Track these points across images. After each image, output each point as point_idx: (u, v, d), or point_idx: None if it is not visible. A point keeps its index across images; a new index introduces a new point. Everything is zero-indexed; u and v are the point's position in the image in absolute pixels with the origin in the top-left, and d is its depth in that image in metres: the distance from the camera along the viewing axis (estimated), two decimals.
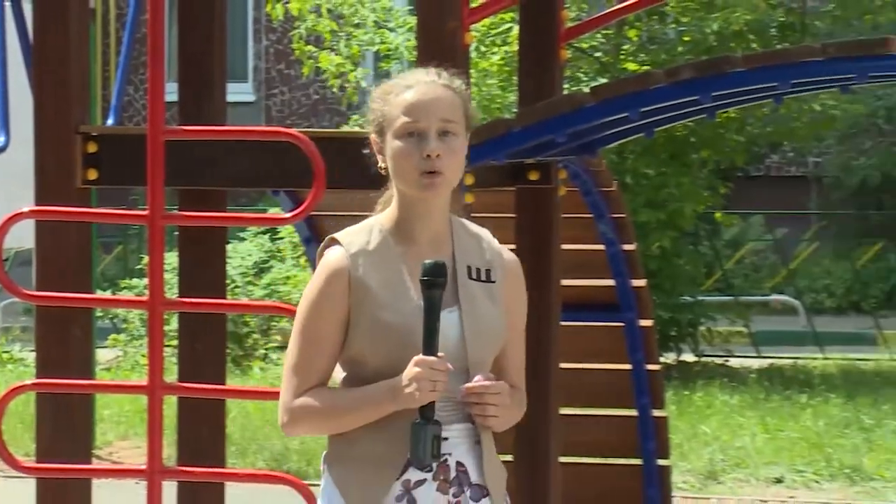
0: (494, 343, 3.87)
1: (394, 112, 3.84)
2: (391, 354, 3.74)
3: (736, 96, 6.82)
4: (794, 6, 17.01)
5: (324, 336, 3.83)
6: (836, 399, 14.98)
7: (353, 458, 3.82)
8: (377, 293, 3.79)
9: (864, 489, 11.56)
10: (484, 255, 3.95)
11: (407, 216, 3.87)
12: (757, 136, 17.57)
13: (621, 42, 16.55)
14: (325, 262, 3.86)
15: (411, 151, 3.77)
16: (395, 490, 3.78)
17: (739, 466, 12.17)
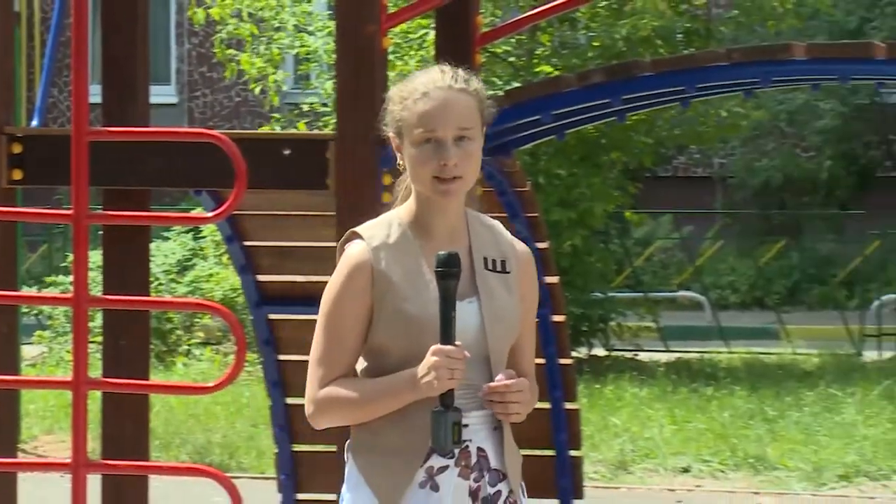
0: (512, 332, 3.86)
1: (411, 119, 3.82)
2: (413, 344, 3.73)
3: (644, 99, 6.85)
4: (699, 13, 17.09)
5: (348, 328, 3.83)
6: (740, 391, 15.08)
7: (378, 447, 3.81)
8: (399, 286, 3.79)
9: (767, 478, 11.63)
10: (499, 247, 3.94)
11: (424, 212, 3.86)
12: (665, 139, 17.66)
13: (534, 47, 16.59)
14: (348, 256, 3.85)
15: (428, 159, 3.76)
16: (419, 477, 3.78)
17: (648, 457, 12.22)
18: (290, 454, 7.59)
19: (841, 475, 11.54)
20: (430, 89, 3.82)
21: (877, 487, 11.31)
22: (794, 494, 11.19)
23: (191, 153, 5.56)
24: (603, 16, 16.18)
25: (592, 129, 14.93)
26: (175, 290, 17.16)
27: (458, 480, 3.80)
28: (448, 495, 3.80)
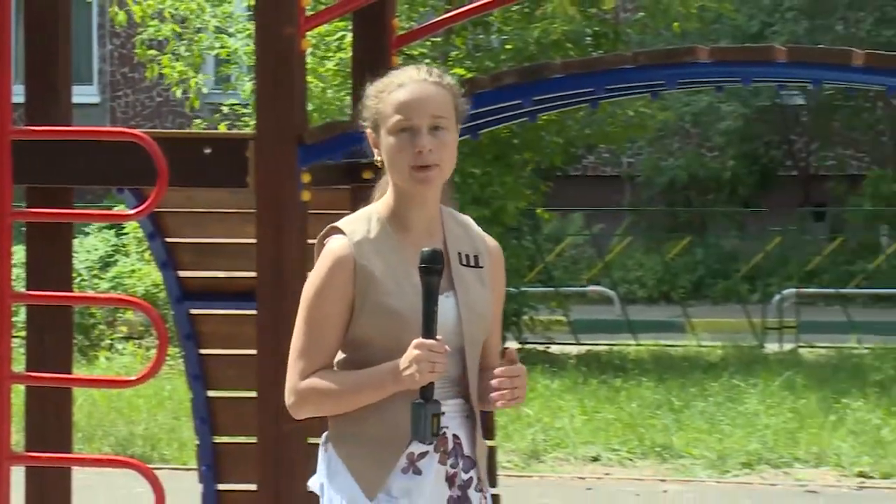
0: (486, 324, 3.90)
1: (387, 110, 3.84)
2: (394, 337, 3.74)
3: (555, 101, 6.84)
4: (607, 17, 17.14)
5: (330, 320, 3.81)
6: (647, 383, 15.15)
7: (360, 436, 3.82)
8: (381, 280, 3.79)
9: (673, 466, 11.69)
10: (472, 242, 3.96)
11: (403, 206, 3.86)
12: (575, 138, 17.72)
13: (449, 49, 16.61)
14: (330, 251, 3.84)
15: (404, 147, 3.78)
16: (401, 463, 3.80)
17: (559, 446, 12.25)
18: (211, 445, 7.53)
19: (744, 463, 11.61)
20: (406, 81, 3.86)
21: (778, 475, 11.38)
22: (699, 482, 11.24)
23: (113, 152, 5.50)
24: (515, 20, 16.22)
25: (505, 130, 14.95)
26: (98, 285, 17.06)
27: (437, 466, 3.82)
28: (430, 479, 3.82)
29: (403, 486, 3.81)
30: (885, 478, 11.15)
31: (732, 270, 23.26)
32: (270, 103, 5.26)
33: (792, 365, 16.22)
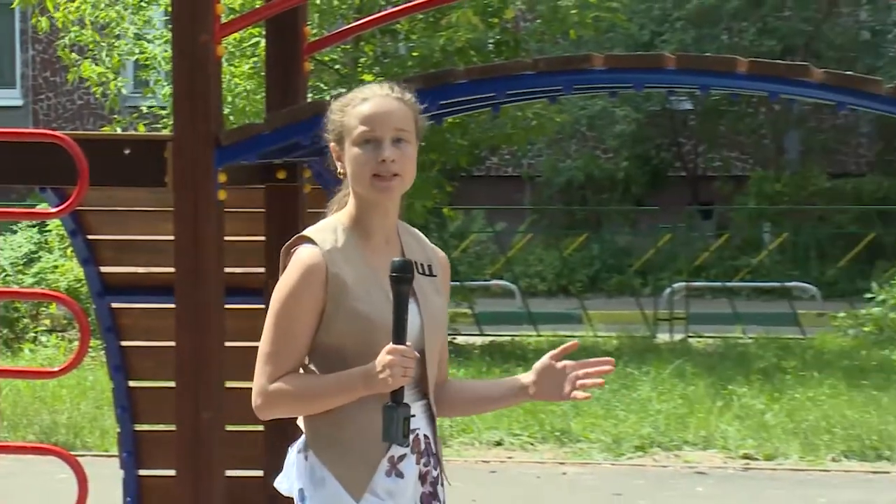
0: (443, 330, 3.97)
1: (352, 122, 3.85)
2: (364, 342, 3.75)
3: (459, 105, 6.83)
4: (508, 26, 17.15)
5: (300, 325, 3.81)
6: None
7: (342, 440, 3.82)
8: (352, 287, 3.79)
9: (571, 449, 11.73)
10: (425, 252, 4.00)
11: (365, 215, 3.88)
12: (478, 141, 17.69)
13: (358, 56, 16.55)
14: (301, 259, 3.83)
15: (368, 158, 3.79)
16: (383, 465, 3.81)
17: (465, 432, 12.25)
18: (132, 433, 7.45)
19: (637, 446, 11.67)
20: (370, 95, 3.88)
21: (669, 457, 11.46)
22: (595, 464, 11.29)
23: (36, 153, 5.43)
24: (421, 28, 16.19)
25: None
26: (22, 280, 16.90)
27: (415, 467, 3.87)
28: (410, 481, 3.87)
29: (387, 488, 3.83)
30: (768, 459, 11.25)
31: (626, 265, 23.41)
32: (188, 106, 5.22)
33: (682, 354, 16.32)
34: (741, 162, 25.92)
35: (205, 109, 5.08)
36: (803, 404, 13.01)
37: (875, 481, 10.60)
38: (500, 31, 16.80)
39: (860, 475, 10.77)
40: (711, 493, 10.30)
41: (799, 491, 10.36)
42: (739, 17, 24.70)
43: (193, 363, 5.20)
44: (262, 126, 5.53)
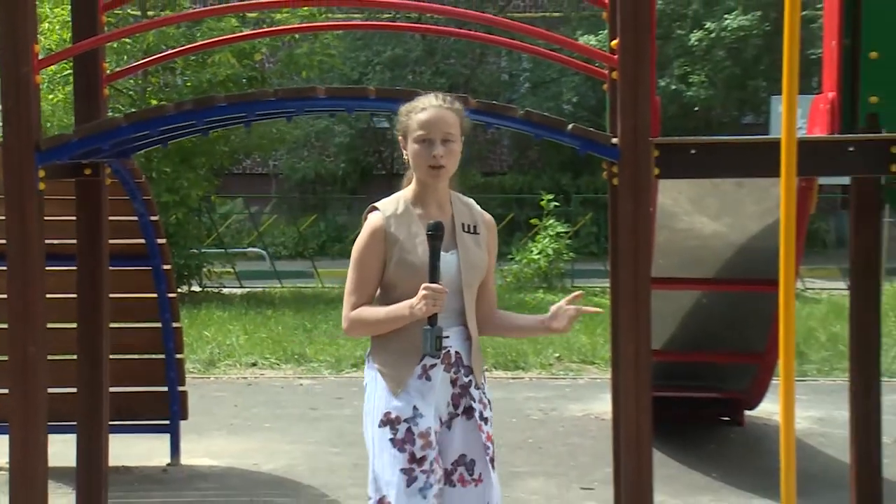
0: (480, 273, 4.01)
1: (413, 125, 3.93)
2: (411, 282, 3.81)
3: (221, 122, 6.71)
4: (257, 66, 17.00)
5: (370, 271, 3.92)
6: (289, 312, 15.12)
7: (389, 352, 3.92)
8: (403, 242, 3.89)
9: (307, 368, 11.70)
10: (472, 216, 4.09)
11: (421, 192, 4.00)
12: (237, 148, 17.58)
13: (146, 85, 16.18)
14: (369, 222, 3.96)
15: (424, 153, 3.91)
16: (416, 371, 3.89)
17: (229, 357, 12.10)
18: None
19: (353, 364, 11.69)
20: (427, 106, 3.95)
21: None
22: (323, 377, 11.29)
23: None
24: (192, 65, 15.95)
25: (188, 141, 14.67)
26: None
27: (443, 374, 3.92)
28: (437, 383, 3.91)
29: (419, 388, 3.89)
30: None
31: (344, 237, 23.47)
32: (15, 120, 5.02)
33: None
34: None
35: (28, 123, 4.90)
36: None
37: (513, 384, 10.83)
38: (251, 70, 16.63)
39: (504, 380, 11.00)
40: None
41: None
42: (419, 62, 25.09)
43: (21, 309, 5.03)
44: (71, 136, 5.33)
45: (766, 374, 8.11)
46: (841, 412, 7.67)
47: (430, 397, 3.88)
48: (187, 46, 8.37)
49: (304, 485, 7.49)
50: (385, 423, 3.90)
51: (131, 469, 7.77)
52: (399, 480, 3.85)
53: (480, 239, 4.03)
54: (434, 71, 24.92)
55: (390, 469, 3.89)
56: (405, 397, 3.87)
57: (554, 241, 18.02)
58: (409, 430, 3.86)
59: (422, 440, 3.85)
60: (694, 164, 5.37)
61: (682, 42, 22.80)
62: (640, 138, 5.15)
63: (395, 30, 23.32)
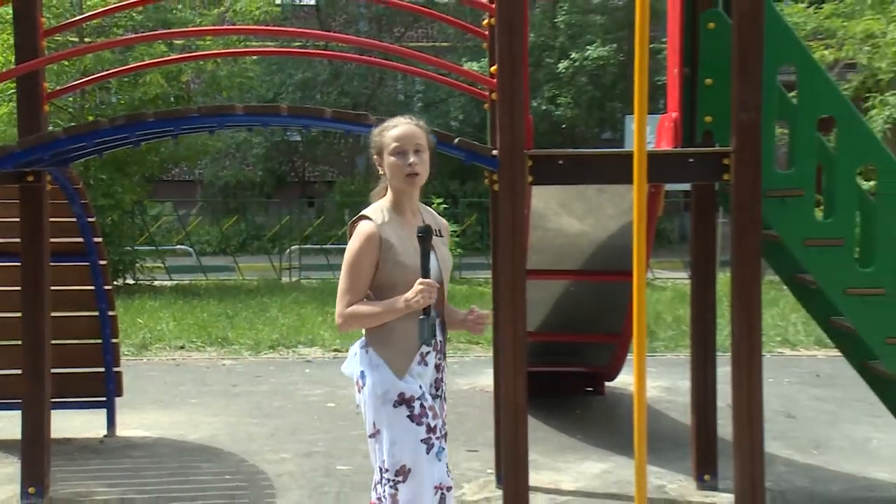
0: (450, 270, 4.04)
1: (387, 141, 3.91)
2: (404, 279, 3.81)
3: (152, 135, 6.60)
4: (183, 86, 16.73)
5: (363, 273, 3.86)
6: (213, 302, 14.91)
7: (392, 341, 3.88)
8: (396, 246, 3.85)
9: (229, 350, 11.54)
10: (436, 222, 4.08)
11: (398, 201, 3.95)
12: (166, 158, 17.27)
13: (84, 103, 15.81)
14: (363, 230, 3.87)
15: (400, 163, 3.87)
16: (416, 358, 3.89)
17: (160, 341, 11.89)
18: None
19: (269, 346, 11.59)
20: (398, 123, 3.95)
21: (289, 352, 11.43)
22: (243, 358, 11.15)
23: None
24: (126, 85, 15.64)
25: (122, 151, 14.41)
26: None
27: (433, 360, 3.95)
28: (431, 368, 3.95)
29: (418, 372, 3.90)
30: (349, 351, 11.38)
31: (262, 235, 23.20)
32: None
33: (296, 289, 16.32)
34: (331, 172, 26.08)
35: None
36: None
37: None
38: (178, 89, 16.38)
39: None
40: (315, 372, 10.34)
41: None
42: (326, 84, 24.93)
43: None
44: (15, 146, 5.19)
45: (622, 351, 8.24)
46: (684, 381, 7.82)
47: (426, 378, 3.92)
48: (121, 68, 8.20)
49: (225, 451, 7.41)
50: (401, 403, 3.85)
51: (72, 440, 7.61)
52: (422, 449, 3.86)
53: (445, 241, 4.07)
54: (339, 92, 24.78)
55: (412, 441, 3.86)
56: (410, 380, 3.87)
57: None
58: (422, 405, 3.87)
59: (431, 412, 3.89)
60: (562, 173, 5.43)
61: (550, 69, 23.01)
62: (515, 151, 5.19)
63: (305, 56, 23.08)
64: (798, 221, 5.55)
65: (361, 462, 7.06)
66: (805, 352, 11.15)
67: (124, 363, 8.56)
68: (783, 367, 10.27)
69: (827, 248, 5.54)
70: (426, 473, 3.85)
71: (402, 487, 3.85)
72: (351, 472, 6.88)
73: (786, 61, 5.56)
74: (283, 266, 19.00)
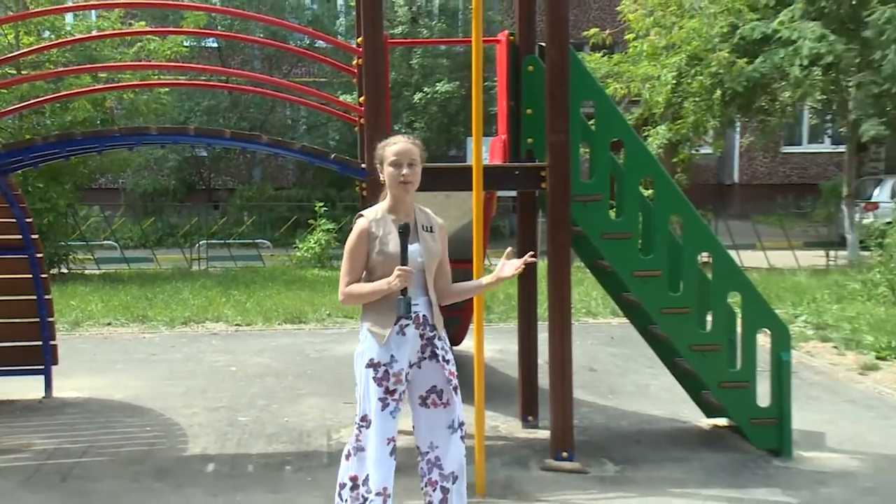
0: (435, 259, 3.89)
1: (388, 154, 3.87)
2: (387, 266, 3.76)
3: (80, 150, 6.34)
4: (107, 111, 16.01)
5: (359, 259, 3.82)
6: (135, 286, 14.35)
7: (376, 313, 3.81)
8: (381, 238, 3.81)
9: (147, 325, 11.17)
10: (429, 220, 3.96)
11: (394, 203, 3.89)
12: (95, 169, 16.48)
13: (22, 125, 14.87)
14: (359, 225, 3.84)
15: (396, 173, 3.83)
16: (395, 329, 3.80)
17: (90, 319, 11.42)
18: None
19: (182, 322, 11.27)
20: (397, 141, 3.90)
21: (199, 327, 11.12)
22: (160, 332, 10.80)
23: None
24: (58, 110, 14.87)
25: (56, 164, 13.71)
26: None
27: (414, 331, 3.84)
28: (410, 338, 3.83)
29: (397, 341, 3.81)
30: (248, 325, 11.16)
31: (176, 232, 22.33)
32: None
33: (204, 276, 15.89)
34: (232, 181, 25.42)
35: None
36: (266, 298, 12.99)
37: (298, 333, 10.74)
38: (103, 114, 15.68)
39: (291, 331, 10.88)
40: (220, 343, 10.11)
41: (269, 340, 10.35)
42: (228, 110, 24.34)
43: None
44: None
45: (466, 322, 8.33)
46: (513, 345, 7.96)
47: (404, 348, 3.80)
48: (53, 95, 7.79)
49: (146, 408, 7.19)
50: (370, 366, 3.80)
51: (14, 402, 7.29)
52: (377, 405, 3.80)
53: (435, 235, 3.93)
54: (238, 117, 24.14)
55: (373, 396, 3.80)
56: (386, 348, 3.79)
57: (325, 234, 17.94)
58: (386, 371, 3.79)
59: (394, 378, 3.80)
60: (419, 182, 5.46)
61: (408, 100, 23.05)
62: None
63: (209, 87, 22.37)
64: (597, 220, 5.73)
65: (258, 415, 6.96)
66: (603, 320, 11.50)
67: (60, 338, 8.20)
68: (587, 331, 10.57)
69: (618, 240, 5.74)
70: (382, 426, 3.80)
71: (364, 431, 3.85)
72: (249, 422, 6.77)
73: (586, 97, 5.72)
74: (192, 257, 18.40)
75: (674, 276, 5.78)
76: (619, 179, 5.80)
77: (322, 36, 6.18)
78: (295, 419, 6.76)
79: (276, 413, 6.97)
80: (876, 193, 20.03)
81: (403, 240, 3.75)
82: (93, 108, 15.06)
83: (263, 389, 7.77)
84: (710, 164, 27.33)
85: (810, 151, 27.64)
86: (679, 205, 5.76)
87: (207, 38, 23.07)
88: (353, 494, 3.90)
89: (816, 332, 10.10)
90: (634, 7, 17.02)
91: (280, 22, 9.10)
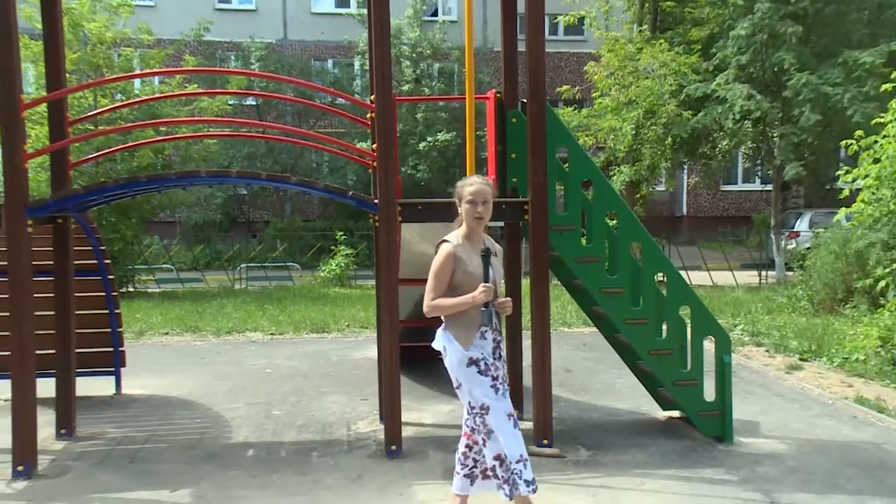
0: (501, 278, 3.95)
1: (465, 193, 3.84)
2: (471, 283, 3.73)
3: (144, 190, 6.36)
4: (167, 158, 16.04)
5: (445, 277, 3.76)
6: (188, 302, 14.29)
7: (460, 323, 3.77)
8: (465, 260, 3.77)
9: (199, 335, 11.10)
10: (494, 247, 3.94)
11: (469, 233, 3.86)
12: (156, 205, 16.42)
13: (97, 169, 14.95)
14: (445, 249, 3.79)
15: (471, 210, 3.82)
16: (477, 334, 3.76)
17: (152, 329, 11.35)
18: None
19: (227, 331, 11.22)
20: (474, 182, 3.85)
21: (241, 336, 11.07)
22: (209, 340, 10.73)
23: None
24: (126, 158, 14.91)
25: (124, 201, 13.73)
26: None
27: (490, 335, 3.81)
28: (489, 342, 3.80)
29: (479, 344, 3.77)
30: (281, 335, 11.13)
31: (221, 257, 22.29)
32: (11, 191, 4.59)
33: (245, 294, 15.85)
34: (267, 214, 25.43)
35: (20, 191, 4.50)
36: (295, 311, 12.96)
37: (322, 341, 10.71)
38: (163, 160, 15.71)
39: (316, 339, 10.86)
40: (257, 349, 10.09)
41: (297, 347, 10.32)
42: (264, 156, 24.35)
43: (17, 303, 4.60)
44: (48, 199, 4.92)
45: None
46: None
47: (486, 349, 3.80)
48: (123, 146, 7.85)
49: (197, 403, 7.17)
50: (472, 363, 3.76)
51: (91, 397, 7.27)
52: (490, 391, 3.76)
53: (499, 259, 3.97)
54: (273, 161, 24.19)
55: (485, 387, 3.76)
56: (473, 349, 3.77)
57: (345, 258, 17.98)
58: (486, 363, 3.77)
59: (493, 367, 3.79)
60: (421, 215, 5.50)
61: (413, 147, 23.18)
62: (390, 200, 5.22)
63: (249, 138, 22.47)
64: (571, 246, 5.76)
65: (289, 409, 6.94)
66: (576, 329, 11.49)
67: (127, 345, 8.21)
68: (563, 339, 10.56)
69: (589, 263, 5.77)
70: (499, 406, 3.77)
71: (487, 417, 3.77)
72: (282, 415, 6.75)
73: (561, 144, 5.76)
74: (235, 278, 18.38)
75: (635, 292, 5.81)
76: (589, 212, 5.84)
77: (342, 94, 6.24)
78: (320, 413, 6.75)
79: (305, 408, 6.95)
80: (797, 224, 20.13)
81: (486, 262, 3.78)
82: (154, 156, 15.12)
83: (293, 388, 7.75)
84: (664, 199, 27.48)
85: (745, 189, 27.86)
86: (638, 233, 5.80)
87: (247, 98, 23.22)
88: (503, 468, 3.78)
89: (752, 339, 10.13)
90: (598, 69, 17.31)
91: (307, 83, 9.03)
